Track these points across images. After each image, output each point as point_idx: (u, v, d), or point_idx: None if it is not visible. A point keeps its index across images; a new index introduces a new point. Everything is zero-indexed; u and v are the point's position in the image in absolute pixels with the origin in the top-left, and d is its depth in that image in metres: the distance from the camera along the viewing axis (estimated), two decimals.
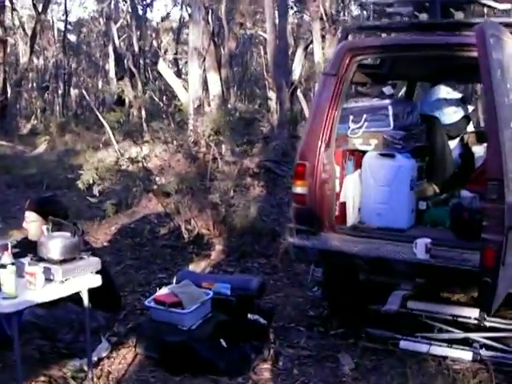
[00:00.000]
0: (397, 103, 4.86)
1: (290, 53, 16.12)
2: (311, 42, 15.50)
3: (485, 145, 4.81)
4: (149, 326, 4.18)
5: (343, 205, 4.76)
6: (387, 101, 4.78)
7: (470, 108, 5.60)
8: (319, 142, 4.37)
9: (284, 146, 11.00)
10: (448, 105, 5.37)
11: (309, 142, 4.45)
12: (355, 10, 19.73)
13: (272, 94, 14.00)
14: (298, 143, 6.49)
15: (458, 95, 5.51)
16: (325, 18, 14.52)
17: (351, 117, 4.80)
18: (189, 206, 6.78)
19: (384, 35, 4.68)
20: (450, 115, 5.35)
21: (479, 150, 4.92)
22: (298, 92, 14.44)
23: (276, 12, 13.82)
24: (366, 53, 4.56)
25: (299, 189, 4.40)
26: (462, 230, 4.27)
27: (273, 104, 13.40)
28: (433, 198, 5.04)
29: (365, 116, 4.75)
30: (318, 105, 4.51)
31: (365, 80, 5.18)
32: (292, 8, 18.12)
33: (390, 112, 4.70)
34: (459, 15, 4.37)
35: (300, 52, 15.61)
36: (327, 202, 4.43)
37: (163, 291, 4.30)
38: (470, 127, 5.66)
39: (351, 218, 4.79)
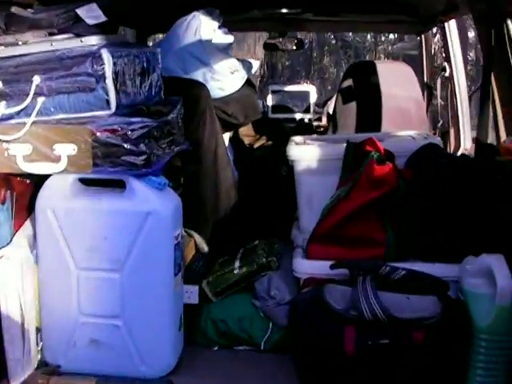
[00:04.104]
0: (114, 44, 1.86)
1: None
2: None
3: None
4: None
5: None
6: (96, 40, 1.77)
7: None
8: None
9: None
10: (221, 55, 2.49)
11: None
12: None
13: None
14: None
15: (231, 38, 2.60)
16: None
17: None
18: None
19: None
20: (230, 77, 2.50)
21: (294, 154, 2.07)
22: None
23: None
24: None
25: None
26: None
27: None
28: (209, 271, 2.13)
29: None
30: None
31: None
32: None
33: (108, 68, 1.72)
34: None
35: None
36: None
37: None
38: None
39: (23, 356, 1.77)
